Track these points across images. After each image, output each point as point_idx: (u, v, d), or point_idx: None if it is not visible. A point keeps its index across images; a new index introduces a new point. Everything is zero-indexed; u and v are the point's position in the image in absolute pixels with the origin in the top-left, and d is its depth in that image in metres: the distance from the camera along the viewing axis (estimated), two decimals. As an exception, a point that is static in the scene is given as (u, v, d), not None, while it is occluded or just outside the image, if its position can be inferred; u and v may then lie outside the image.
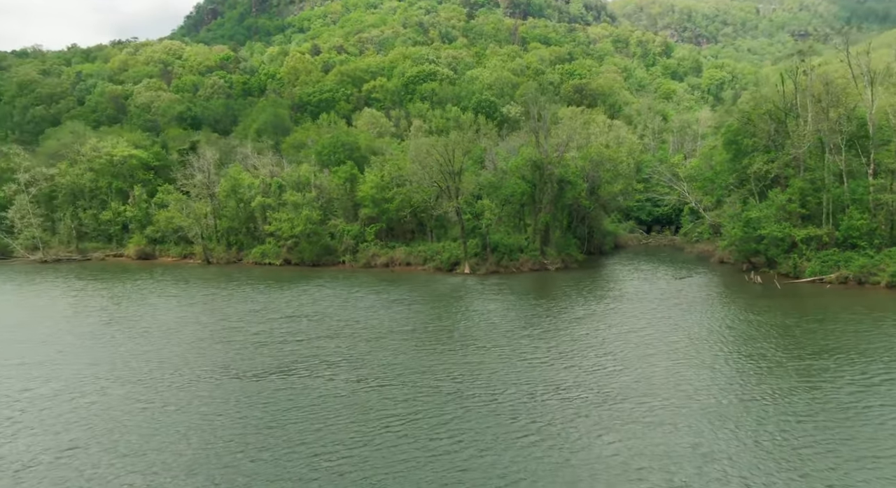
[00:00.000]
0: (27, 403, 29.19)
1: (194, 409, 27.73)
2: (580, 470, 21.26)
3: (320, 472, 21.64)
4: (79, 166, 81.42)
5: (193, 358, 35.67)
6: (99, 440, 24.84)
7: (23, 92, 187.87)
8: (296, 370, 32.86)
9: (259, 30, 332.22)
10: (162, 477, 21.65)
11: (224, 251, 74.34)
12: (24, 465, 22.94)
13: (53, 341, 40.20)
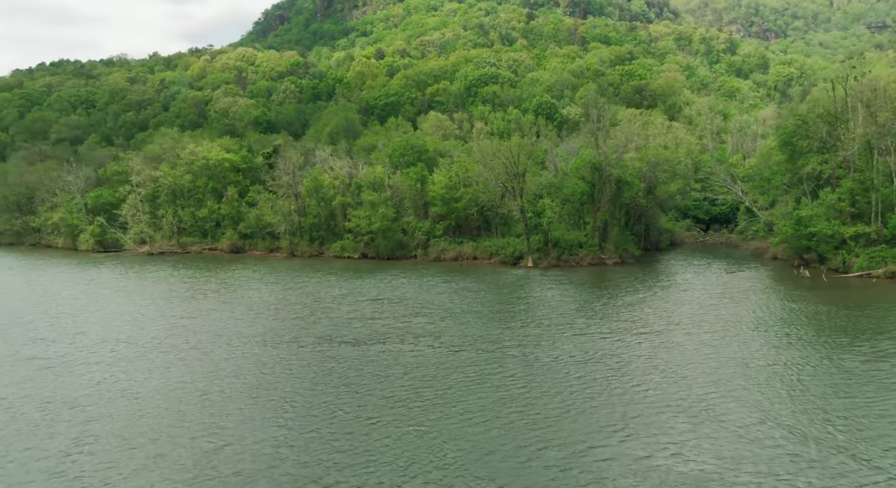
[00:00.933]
0: (177, 355, 37.50)
1: (318, 364, 35.28)
2: (620, 400, 27.38)
3: (423, 401, 28.56)
4: (179, 169, 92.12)
5: (302, 329, 43.47)
6: (247, 386, 32.62)
7: (114, 99, 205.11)
8: (388, 340, 40.07)
9: (324, 34, 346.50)
10: (301, 414, 29.06)
11: (307, 245, 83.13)
12: (203, 392, 30.90)
13: (188, 315, 48.97)
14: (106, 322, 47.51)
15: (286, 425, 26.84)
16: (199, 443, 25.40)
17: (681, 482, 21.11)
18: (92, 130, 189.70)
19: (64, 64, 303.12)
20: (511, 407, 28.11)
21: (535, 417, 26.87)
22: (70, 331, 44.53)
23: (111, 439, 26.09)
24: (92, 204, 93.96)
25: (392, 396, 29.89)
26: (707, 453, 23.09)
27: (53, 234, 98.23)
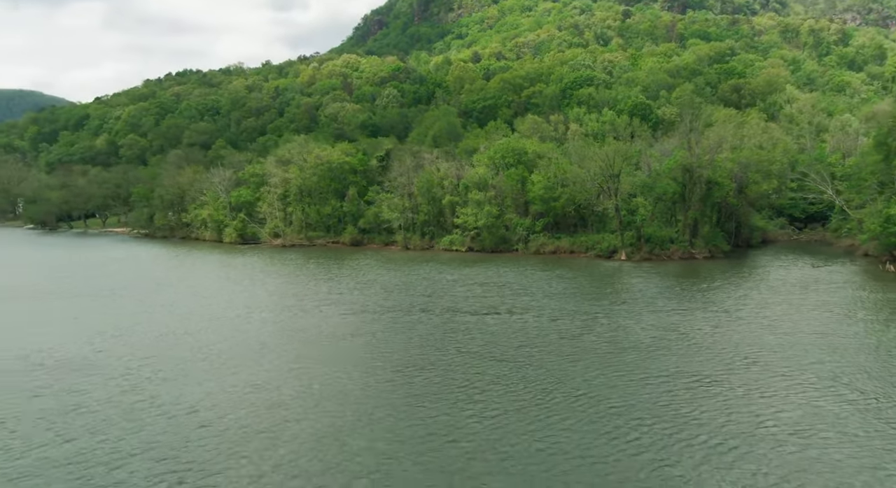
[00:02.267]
0: (341, 318, 48.58)
1: (447, 327, 45.19)
2: (678, 354, 35.24)
3: (528, 352, 37.70)
4: (306, 171, 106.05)
5: (428, 303, 53.72)
6: (399, 339, 42.89)
7: (235, 106, 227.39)
8: (500, 313, 49.46)
9: (420, 37, 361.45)
10: (439, 358, 38.88)
11: (419, 239, 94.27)
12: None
13: (335, 292, 60.57)
14: (274, 296, 59.91)
15: (434, 366, 36.72)
16: (359, 372, 35.81)
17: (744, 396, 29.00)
18: (218, 135, 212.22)
19: (188, 73, 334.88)
20: (599, 355, 36.69)
21: (615, 361, 35.33)
22: (255, 303, 57.03)
23: (315, 362, 37.05)
24: (234, 202, 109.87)
25: (505, 349, 39.24)
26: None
27: (201, 229, 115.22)
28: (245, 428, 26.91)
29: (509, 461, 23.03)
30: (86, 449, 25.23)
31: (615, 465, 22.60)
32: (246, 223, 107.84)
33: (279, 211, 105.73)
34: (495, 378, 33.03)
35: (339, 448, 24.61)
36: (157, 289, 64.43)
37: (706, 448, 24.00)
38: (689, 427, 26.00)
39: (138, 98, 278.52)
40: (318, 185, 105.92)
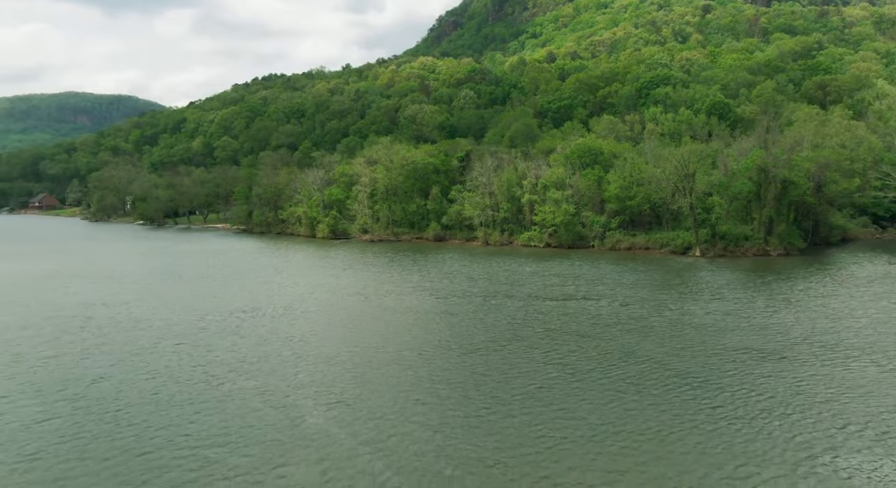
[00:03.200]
0: (433, 302, 55.65)
1: (530, 310, 51.40)
2: (735, 334, 40.00)
3: (604, 334, 43.44)
4: (392, 171, 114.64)
5: (511, 291, 60.03)
6: (486, 320, 49.49)
7: (319, 109, 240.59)
8: (576, 299, 55.18)
9: (495, 37, 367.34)
10: (523, 335, 45.17)
11: (499, 235, 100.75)
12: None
13: (427, 280, 67.91)
14: (373, 282, 67.86)
15: (521, 339, 43.04)
16: (446, 348, 42.49)
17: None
18: (304, 137, 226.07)
19: (273, 78, 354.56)
20: (664, 333, 42.01)
21: (679, 336, 40.56)
22: (358, 287, 65.13)
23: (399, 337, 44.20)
24: (327, 200, 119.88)
25: (580, 326, 45.12)
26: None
27: (296, 225, 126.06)
28: (380, 364, 34.02)
29: (588, 407, 29.06)
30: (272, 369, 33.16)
31: (682, 414, 28.23)
32: (337, 219, 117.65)
33: (367, 208, 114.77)
34: (573, 349, 39.07)
35: (454, 389, 31.33)
36: (274, 273, 73.91)
37: (774, 404, 29.22)
38: (749, 386, 31.17)
39: (229, 102, 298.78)
40: (404, 185, 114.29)
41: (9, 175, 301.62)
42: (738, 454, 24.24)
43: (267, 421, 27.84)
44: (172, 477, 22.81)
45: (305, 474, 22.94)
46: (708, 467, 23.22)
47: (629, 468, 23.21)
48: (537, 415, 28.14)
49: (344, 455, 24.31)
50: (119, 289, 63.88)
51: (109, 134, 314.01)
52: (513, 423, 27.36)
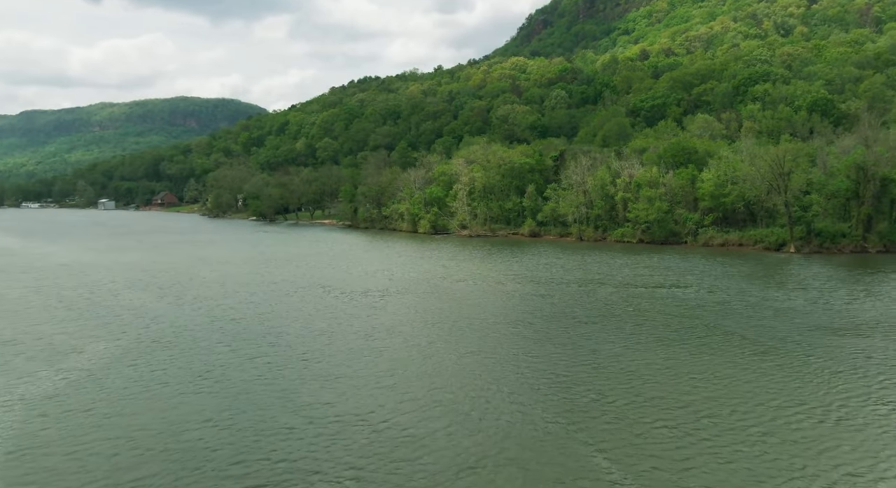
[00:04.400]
0: (533, 288, 62.59)
1: (623, 296, 57.37)
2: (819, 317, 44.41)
3: (688, 314, 48.88)
4: (490, 171, 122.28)
5: (605, 278, 65.97)
6: (586, 302, 55.99)
7: (414, 111, 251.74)
8: (665, 287, 60.46)
9: (585, 35, 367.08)
10: (620, 315, 51.33)
11: (592, 231, 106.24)
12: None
13: (526, 270, 74.93)
14: (478, 270, 75.66)
15: (616, 316, 49.25)
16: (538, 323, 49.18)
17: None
18: (400, 138, 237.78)
19: (368, 80, 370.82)
20: (743, 314, 47.01)
21: (757, 317, 45.50)
22: (465, 274, 73.16)
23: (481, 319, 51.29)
24: (428, 198, 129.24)
25: (667, 307, 50.71)
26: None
27: (398, 221, 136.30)
28: (493, 330, 41.47)
29: (674, 362, 35.19)
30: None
31: (747, 366, 33.93)
32: (438, 216, 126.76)
33: (466, 205, 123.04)
34: (660, 323, 44.97)
35: (558, 347, 38.28)
36: (389, 262, 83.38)
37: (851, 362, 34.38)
38: (809, 351, 36.24)
39: (327, 105, 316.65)
40: (501, 183, 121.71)
41: (133, 175, 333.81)
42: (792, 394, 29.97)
43: (411, 363, 35.99)
44: (363, 393, 31.22)
45: (448, 384, 30.70)
46: (776, 399, 29.16)
47: (701, 397, 29.47)
48: (631, 364, 34.70)
49: (480, 386, 31.86)
50: (276, 269, 75.08)
51: (220, 136, 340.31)
52: (607, 372, 34.12)
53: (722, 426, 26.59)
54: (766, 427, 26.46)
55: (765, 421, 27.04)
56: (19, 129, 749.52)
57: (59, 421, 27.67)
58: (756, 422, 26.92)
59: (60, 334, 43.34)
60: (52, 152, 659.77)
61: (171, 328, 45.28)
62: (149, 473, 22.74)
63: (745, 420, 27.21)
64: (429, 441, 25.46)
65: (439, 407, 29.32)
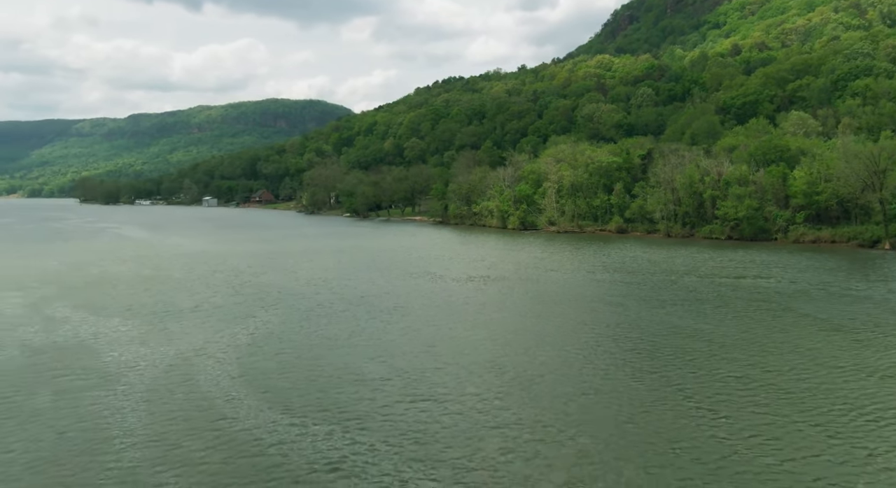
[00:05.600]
0: (623, 277, 67.86)
1: (712, 284, 61.80)
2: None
3: (763, 299, 52.97)
4: (578, 169, 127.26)
5: (691, 270, 70.27)
6: (675, 288, 60.92)
7: (500, 110, 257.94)
8: (749, 277, 64.27)
9: (673, 30, 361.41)
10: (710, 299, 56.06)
11: (680, 228, 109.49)
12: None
13: (615, 261, 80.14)
14: (570, 261, 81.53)
15: (708, 300, 54.00)
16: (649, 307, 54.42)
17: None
18: (485, 137, 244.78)
19: (452, 81, 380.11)
20: (822, 301, 50.70)
21: (837, 304, 49.12)
22: (558, 266, 79.24)
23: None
24: (517, 195, 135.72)
25: (749, 294, 54.91)
26: None
27: (488, 217, 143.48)
28: (588, 309, 47.55)
29: (748, 336, 40.15)
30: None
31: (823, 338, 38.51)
32: (526, 212, 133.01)
33: (554, 203, 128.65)
34: (741, 306, 49.69)
35: (648, 323, 43.96)
36: (485, 254, 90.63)
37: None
38: (876, 326, 40.22)
39: (413, 105, 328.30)
40: (588, 181, 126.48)
41: (232, 173, 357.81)
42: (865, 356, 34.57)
43: (525, 330, 42.77)
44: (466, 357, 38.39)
45: (562, 344, 37.21)
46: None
47: (770, 358, 34.62)
48: (710, 335, 40.03)
49: (586, 346, 38.20)
50: (383, 258, 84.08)
51: (312, 137, 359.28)
52: (688, 339, 39.62)
53: (783, 380, 31.93)
54: (824, 382, 31.59)
55: (821, 377, 32.16)
56: (127, 132, 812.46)
57: (265, 359, 36.46)
58: (816, 381, 32.07)
59: (230, 305, 53.17)
60: (155, 153, 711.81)
61: (313, 302, 54.27)
62: (338, 388, 30.70)
63: (803, 377, 32.39)
64: (542, 379, 32.30)
65: (557, 359, 36.15)
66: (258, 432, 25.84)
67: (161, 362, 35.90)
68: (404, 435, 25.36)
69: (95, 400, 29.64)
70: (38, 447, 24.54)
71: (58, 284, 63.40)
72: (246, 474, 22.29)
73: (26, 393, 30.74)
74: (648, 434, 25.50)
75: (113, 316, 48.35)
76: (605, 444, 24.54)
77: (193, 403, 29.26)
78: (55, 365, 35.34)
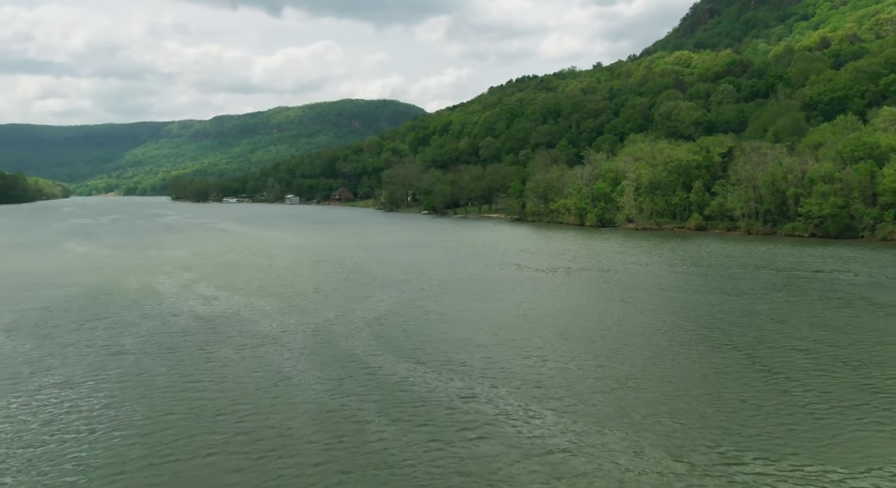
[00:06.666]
0: (720, 270, 71.73)
1: (787, 276, 65.05)
2: None
3: (835, 290, 56.05)
4: (657, 167, 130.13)
5: (768, 263, 73.27)
6: (749, 279, 64.57)
7: (575, 109, 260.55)
8: (826, 271, 66.84)
9: (756, 23, 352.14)
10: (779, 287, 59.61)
11: (761, 226, 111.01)
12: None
13: (691, 256, 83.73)
14: (642, 257, 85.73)
15: (786, 289, 57.68)
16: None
17: None
18: (560, 136, 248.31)
19: (526, 79, 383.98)
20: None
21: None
22: (633, 261, 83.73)
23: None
24: (595, 193, 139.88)
25: (825, 284, 57.97)
26: None
27: (565, 214, 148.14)
28: (669, 299, 52.42)
29: (817, 320, 44.11)
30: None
31: None
32: (604, 210, 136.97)
33: (633, 200, 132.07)
34: (811, 295, 53.31)
35: (726, 312, 48.50)
36: (566, 248, 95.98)
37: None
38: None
39: (488, 105, 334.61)
40: (667, 179, 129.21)
41: (312, 172, 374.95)
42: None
43: (610, 311, 48.33)
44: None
45: (651, 324, 42.62)
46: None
47: (832, 334, 38.80)
48: (780, 315, 44.31)
49: (671, 326, 43.45)
50: (469, 252, 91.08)
51: (388, 136, 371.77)
52: (757, 318, 44.10)
53: (844, 353, 36.34)
54: (881, 356, 35.86)
55: (880, 352, 36.40)
56: (212, 133, 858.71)
57: (390, 327, 43.85)
58: (874, 354, 36.31)
59: (345, 288, 61.33)
60: (238, 153, 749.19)
61: (416, 287, 61.68)
62: (456, 349, 37.45)
63: (862, 350, 36.67)
64: (626, 347, 38.06)
65: (639, 333, 41.83)
66: (401, 376, 33.01)
67: (306, 329, 43.90)
68: (519, 381, 31.92)
69: (268, 352, 37.72)
70: (244, 381, 32.55)
71: (194, 270, 73.66)
72: (405, 402, 29.34)
73: (213, 347, 39.19)
74: (718, 385, 30.97)
75: (250, 295, 57.26)
76: (684, 391, 30.28)
77: (344, 356, 36.83)
78: (225, 329, 43.94)
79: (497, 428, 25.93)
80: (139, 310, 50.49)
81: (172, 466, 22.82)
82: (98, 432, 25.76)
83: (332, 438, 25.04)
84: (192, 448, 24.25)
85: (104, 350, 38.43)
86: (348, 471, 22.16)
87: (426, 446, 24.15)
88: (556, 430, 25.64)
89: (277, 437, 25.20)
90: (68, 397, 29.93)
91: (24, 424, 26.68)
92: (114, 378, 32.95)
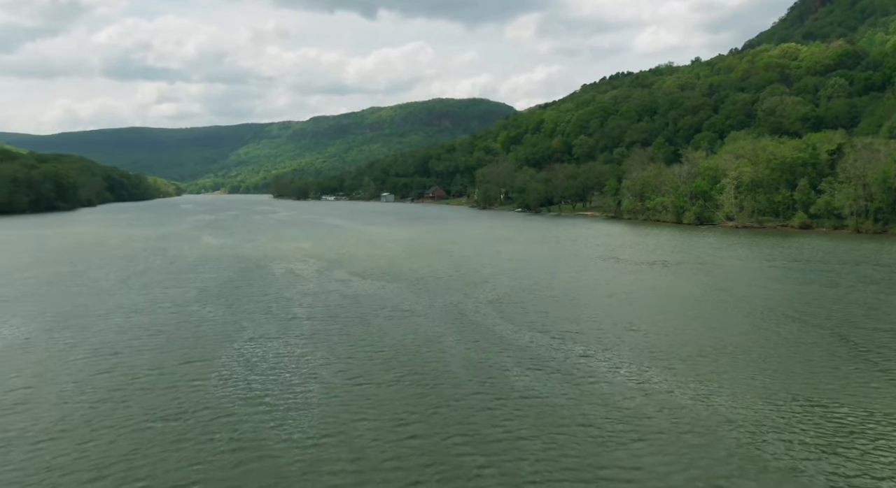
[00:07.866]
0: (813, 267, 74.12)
1: (869, 271, 66.72)
2: None
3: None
4: (759, 165, 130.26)
5: (853, 257, 74.48)
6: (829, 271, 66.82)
7: (672, 106, 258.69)
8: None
9: (874, 10, 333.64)
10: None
11: (871, 224, 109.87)
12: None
13: (793, 253, 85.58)
14: (741, 253, 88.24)
15: (856, 286, 59.95)
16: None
17: None
18: (656, 134, 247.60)
19: (620, 76, 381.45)
20: None
21: None
22: (731, 257, 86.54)
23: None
24: (693, 190, 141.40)
25: None
26: None
27: (662, 212, 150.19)
28: (756, 292, 56.34)
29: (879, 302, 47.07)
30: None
31: None
32: (703, 208, 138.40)
33: (733, 198, 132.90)
34: (885, 286, 55.79)
35: (802, 295, 52.06)
36: (671, 245, 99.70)
37: None
38: None
39: (581, 103, 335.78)
40: (770, 177, 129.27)
41: (406, 171, 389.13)
42: None
43: (708, 300, 53.13)
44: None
45: (747, 312, 47.34)
46: None
47: None
48: (879, 305, 47.68)
49: (745, 313, 47.96)
50: (571, 247, 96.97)
51: (481, 135, 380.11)
52: (855, 310, 47.64)
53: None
54: None
55: None
56: (309, 133, 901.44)
57: (509, 304, 51.00)
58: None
59: (458, 277, 69.08)
60: (333, 152, 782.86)
61: (526, 274, 68.57)
62: (570, 321, 43.95)
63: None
64: (725, 326, 43.27)
65: (737, 315, 46.90)
66: (527, 340, 40.07)
67: (438, 306, 51.81)
68: (628, 346, 38.27)
69: (413, 322, 45.82)
70: (403, 340, 40.63)
71: (323, 259, 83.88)
72: (534, 357, 36.33)
73: (367, 318, 47.72)
74: (807, 353, 35.98)
75: (379, 279, 66.08)
76: (775, 357, 35.60)
77: (475, 326, 44.33)
78: (369, 305, 52.57)
79: (614, 376, 32.53)
80: (293, 288, 60.30)
81: (365, 389, 30.91)
82: (314, 374, 34.40)
83: (483, 378, 32.45)
84: (376, 380, 32.33)
85: (280, 316, 47.83)
86: (502, 398, 29.46)
87: (560, 386, 31.08)
88: (661, 379, 31.93)
89: (439, 376, 32.88)
90: (272, 347, 39.01)
91: (253, 365, 35.77)
92: (298, 335, 41.94)
